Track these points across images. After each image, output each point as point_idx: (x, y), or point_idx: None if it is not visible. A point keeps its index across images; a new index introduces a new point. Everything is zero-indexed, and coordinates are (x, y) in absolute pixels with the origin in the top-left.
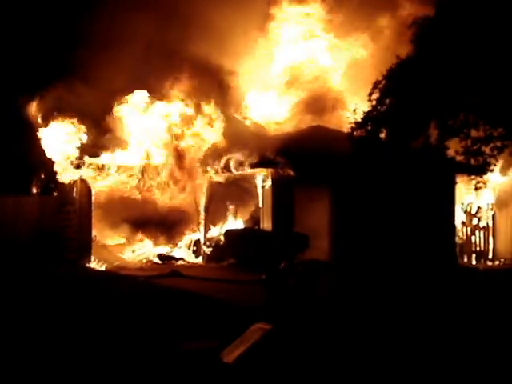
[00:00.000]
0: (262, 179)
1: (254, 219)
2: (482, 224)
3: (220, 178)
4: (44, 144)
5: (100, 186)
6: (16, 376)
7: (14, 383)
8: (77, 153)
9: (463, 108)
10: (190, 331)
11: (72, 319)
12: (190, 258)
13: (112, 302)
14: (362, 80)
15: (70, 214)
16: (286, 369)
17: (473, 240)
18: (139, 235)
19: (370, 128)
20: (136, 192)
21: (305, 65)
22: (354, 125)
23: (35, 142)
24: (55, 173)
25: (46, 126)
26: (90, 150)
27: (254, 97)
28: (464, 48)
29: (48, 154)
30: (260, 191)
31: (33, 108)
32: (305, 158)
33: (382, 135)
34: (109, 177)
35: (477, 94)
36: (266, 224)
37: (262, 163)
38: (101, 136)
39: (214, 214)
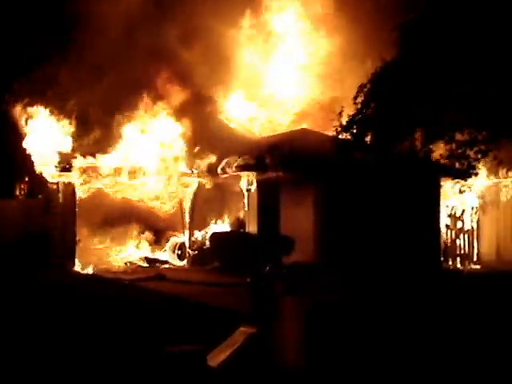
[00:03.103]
0: (248, 182)
1: (240, 222)
2: (467, 227)
3: (205, 181)
4: (28, 146)
5: (84, 189)
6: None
7: None
8: (61, 155)
9: (448, 111)
10: (175, 335)
11: (57, 324)
12: (175, 261)
13: (96, 305)
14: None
15: (54, 216)
16: (272, 371)
17: (457, 243)
18: (124, 238)
19: (355, 131)
20: (120, 195)
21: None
22: (339, 128)
23: (19, 145)
24: (39, 176)
25: (29, 128)
26: (75, 151)
27: (240, 99)
28: (448, 52)
29: (32, 157)
30: (246, 194)
31: (16, 110)
32: (290, 161)
33: (368, 138)
34: (92, 179)
35: (461, 97)
36: (252, 227)
37: (247, 166)
38: (86, 138)
39: (199, 217)
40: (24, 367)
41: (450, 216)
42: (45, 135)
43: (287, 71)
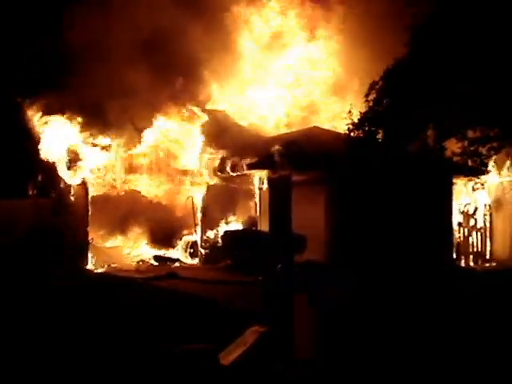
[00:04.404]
0: (259, 181)
1: (252, 221)
2: (479, 225)
3: (217, 179)
4: (41, 145)
5: (97, 187)
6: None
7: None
8: (74, 154)
9: (460, 108)
10: (187, 333)
11: (71, 322)
12: (187, 259)
13: (110, 303)
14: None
15: (66, 215)
16: (281, 370)
17: (470, 241)
18: (136, 237)
19: (366, 129)
20: (133, 193)
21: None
22: (350, 126)
23: (32, 144)
24: (52, 174)
25: (43, 127)
26: (87, 150)
27: (251, 97)
28: (461, 48)
29: (45, 156)
30: (257, 192)
31: (30, 109)
32: (302, 159)
33: (379, 136)
34: (105, 178)
35: (473, 94)
36: (264, 225)
37: (259, 164)
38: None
39: (211, 215)
40: (34, 364)
41: (462, 213)
42: (58, 134)
43: (296, 69)
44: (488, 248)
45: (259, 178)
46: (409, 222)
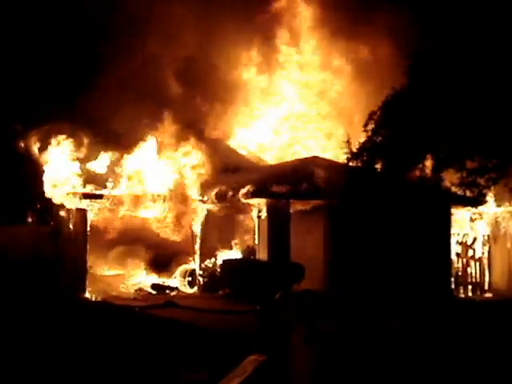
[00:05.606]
0: (258, 209)
1: (251, 249)
2: (478, 255)
3: (216, 207)
4: (40, 174)
5: (95, 216)
6: None
7: None
8: (72, 183)
9: (458, 139)
10: (185, 362)
11: (67, 351)
12: (185, 288)
13: (107, 332)
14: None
15: (65, 243)
16: None
17: (468, 271)
18: (133, 265)
19: (365, 159)
20: (131, 222)
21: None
22: (349, 155)
23: (31, 172)
24: (51, 202)
25: (42, 155)
26: (86, 179)
27: (250, 126)
28: (458, 80)
29: (44, 184)
30: (256, 221)
31: (30, 138)
32: (300, 189)
33: (378, 166)
34: (104, 207)
35: (471, 125)
36: (262, 254)
37: (257, 193)
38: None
39: (209, 243)
40: None
41: (460, 244)
42: (56, 163)
43: (296, 95)
44: (487, 279)
45: (258, 207)
46: (407, 252)
